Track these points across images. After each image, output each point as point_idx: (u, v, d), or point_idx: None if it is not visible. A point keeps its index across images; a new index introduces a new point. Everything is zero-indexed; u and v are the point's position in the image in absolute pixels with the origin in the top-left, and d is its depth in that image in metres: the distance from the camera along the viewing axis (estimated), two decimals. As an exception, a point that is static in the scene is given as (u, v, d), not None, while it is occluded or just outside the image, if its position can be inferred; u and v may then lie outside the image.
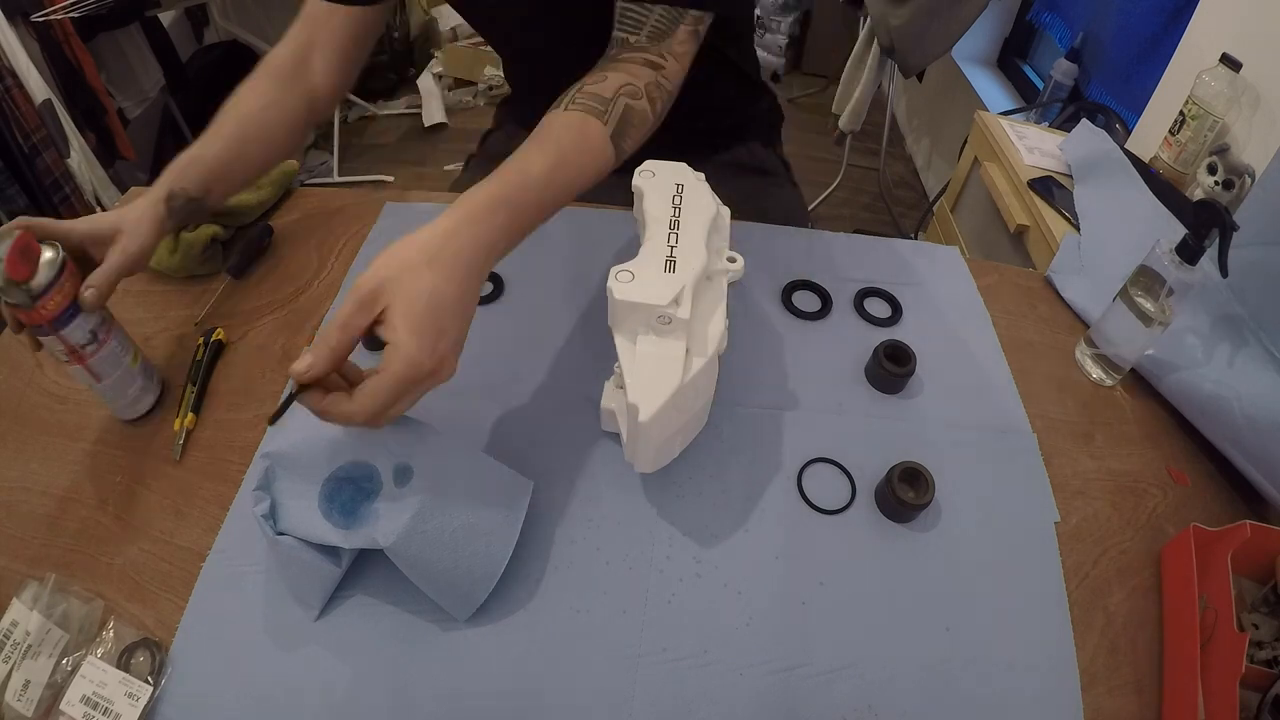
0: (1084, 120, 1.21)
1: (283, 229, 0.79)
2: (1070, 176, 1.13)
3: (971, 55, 2.18)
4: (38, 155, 1.44)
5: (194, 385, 0.62)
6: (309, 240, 0.78)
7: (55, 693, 0.45)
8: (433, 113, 2.57)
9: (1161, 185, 1.03)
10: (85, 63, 1.61)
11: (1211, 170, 1.07)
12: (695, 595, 0.52)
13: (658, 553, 0.54)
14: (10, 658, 0.45)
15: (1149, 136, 1.25)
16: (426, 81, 2.67)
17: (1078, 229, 0.94)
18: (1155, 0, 1.46)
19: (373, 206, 0.81)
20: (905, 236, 2.14)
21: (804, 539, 0.55)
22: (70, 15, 1.48)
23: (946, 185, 1.58)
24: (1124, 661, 0.51)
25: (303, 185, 0.87)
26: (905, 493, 0.55)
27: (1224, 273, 0.62)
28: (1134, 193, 0.99)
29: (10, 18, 1.41)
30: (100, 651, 0.47)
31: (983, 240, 1.40)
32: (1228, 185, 1.05)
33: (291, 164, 0.86)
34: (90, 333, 0.54)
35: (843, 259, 0.79)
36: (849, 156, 2.22)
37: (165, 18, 1.93)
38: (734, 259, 0.53)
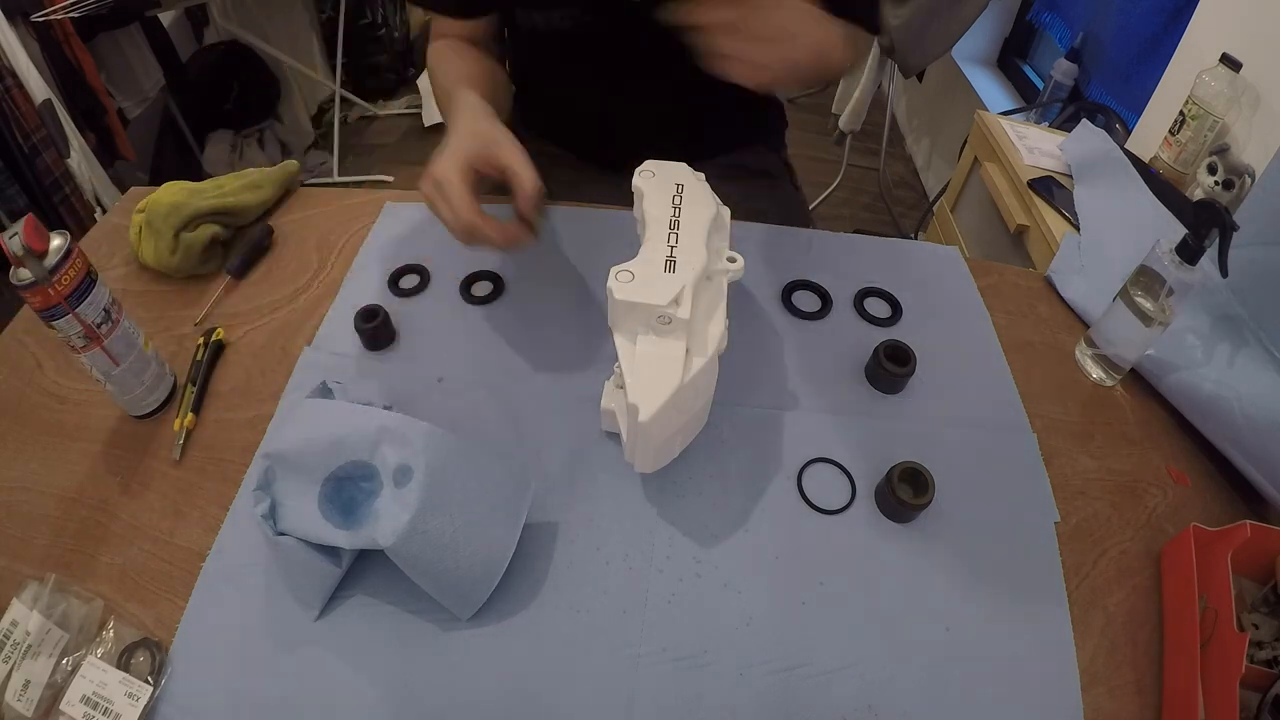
0: (1084, 120, 1.21)
1: (283, 229, 0.79)
2: (1070, 176, 1.13)
3: (971, 55, 2.18)
4: (38, 155, 1.43)
5: (194, 385, 0.63)
6: (309, 240, 0.78)
7: (55, 693, 0.45)
8: (433, 113, 2.57)
9: (1161, 185, 1.03)
10: (85, 63, 1.61)
11: (1211, 170, 1.07)
12: (695, 595, 0.52)
13: (658, 553, 0.54)
14: (10, 658, 0.45)
15: (1149, 136, 1.25)
16: (426, 81, 2.66)
17: (1078, 229, 0.94)
18: (1155, 0, 1.46)
19: (373, 206, 0.81)
20: (905, 236, 2.14)
21: (804, 539, 0.55)
22: (70, 15, 1.48)
23: (946, 185, 1.59)
24: (1124, 661, 0.51)
25: (303, 185, 0.87)
26: (905, 493, 0.55)
27: (1224, 273, 0.62)
28: (1134, 193, 0.99)
29: (10, 18, 1.41)
30: (100, 651, 0.47)
31: (983, 240, 1.40)
32: (1228, 185, 1.05)
33: (292, 164, 0.86)
34: (104, 310, 0.55)
35: (843, 259, 0.79)
36: (849, 156, 2.22)
37: (165, 18, 1.92)
38: (734, 259, 0.53)
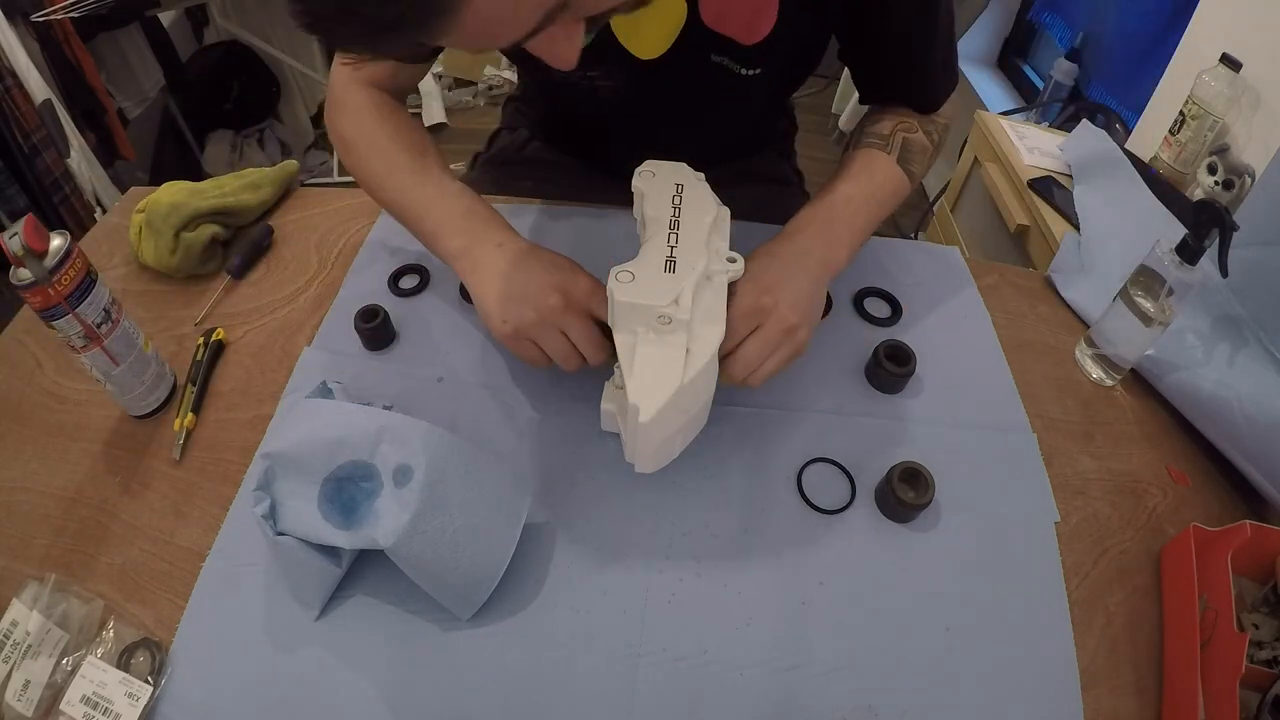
0: (1084, 120, 1.21)
1: (283, 229, 0.79)
2: (1070, 176, 1.14)
3: (971, 55, 2.18)
4: (38, 155, 1.43)
5: (194, 385, 0.63)
6: (309, 240, 0.78)
7: (55, 693, 0.45)
8: (433, 113, 2.58)
9: (1161, 185, 1.03)
10: (85, 63, 1.61)
11: (1211, 170, 1.07)
12: (695, 595, 0.52)
13: (658, 553, 0.54)
14: (10, 658, 0.45)
15: (1149, 136, 1.25)
16: (426, 81, 2.66)
17: (1078, 229, 0.94)
18: (1155, 0, 1.46)
19: (373, 206, 0.81)
20: (905, 236, 2.14)
21: (804, 539, 0.55)
22: (70, 15, 1.48)
23: (946, 185, 1.59)
24: (1124, 661, 0.51)
25: (303, 185, 0.87)
26: (905, 493, 0.55)
27: (1224, 273, 0.62)
28: (1134, 193, 0.99)
29: (10, 18, 1.41)
30: (100, 651, 0.47)
31: (983, 240, 1.40)
32: (1228, 185, 1.05)
33: (292, 164, 0.86)
34: (104, 310, 0.55)
35: (843, 259, 0.79)
36: (849, 156, 2.21)
37: (165, 18, 1.92)
38: (734, 259, 0.53)
